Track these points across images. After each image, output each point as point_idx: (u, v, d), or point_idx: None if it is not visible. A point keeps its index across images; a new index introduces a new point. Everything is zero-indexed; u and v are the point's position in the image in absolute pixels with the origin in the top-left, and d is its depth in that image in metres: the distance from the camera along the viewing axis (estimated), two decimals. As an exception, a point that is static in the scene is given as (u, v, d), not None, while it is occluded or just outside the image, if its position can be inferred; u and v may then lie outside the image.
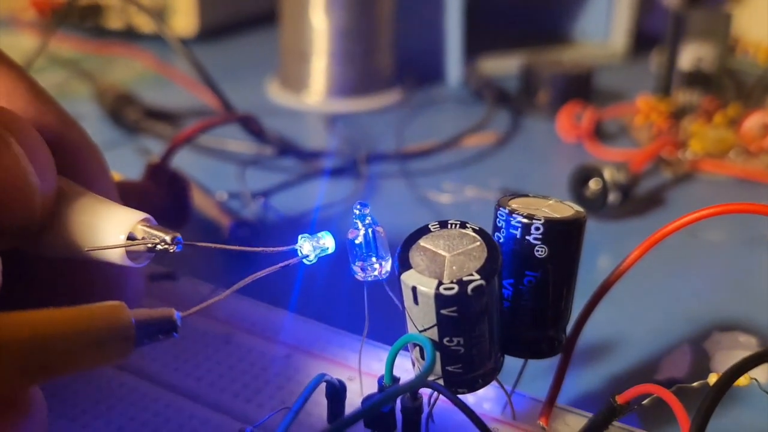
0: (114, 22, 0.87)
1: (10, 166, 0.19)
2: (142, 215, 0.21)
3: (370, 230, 0.22)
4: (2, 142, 0.19)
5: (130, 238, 0.21)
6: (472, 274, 0.19)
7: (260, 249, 0.22)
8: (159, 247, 0.20)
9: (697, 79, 0.62)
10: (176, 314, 0.19)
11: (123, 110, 0.60)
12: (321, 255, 0.22)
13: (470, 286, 0.19)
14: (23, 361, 0.17)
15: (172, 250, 0.21)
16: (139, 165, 0.45)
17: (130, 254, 0.21)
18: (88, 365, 0.18)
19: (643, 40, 0.83)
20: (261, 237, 0.42)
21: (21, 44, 0.80)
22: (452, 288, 0.19)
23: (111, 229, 0.21)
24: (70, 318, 0.18)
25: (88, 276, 0.24)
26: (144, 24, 0.86)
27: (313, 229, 0.22)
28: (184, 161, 0.40)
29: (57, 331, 0.17)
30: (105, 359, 0.18)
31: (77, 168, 0.24)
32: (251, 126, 0.51)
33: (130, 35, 0.86)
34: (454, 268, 0.20)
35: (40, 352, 0.17)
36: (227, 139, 0.55)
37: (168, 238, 0.20)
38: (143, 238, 0.21)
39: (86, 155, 0.24)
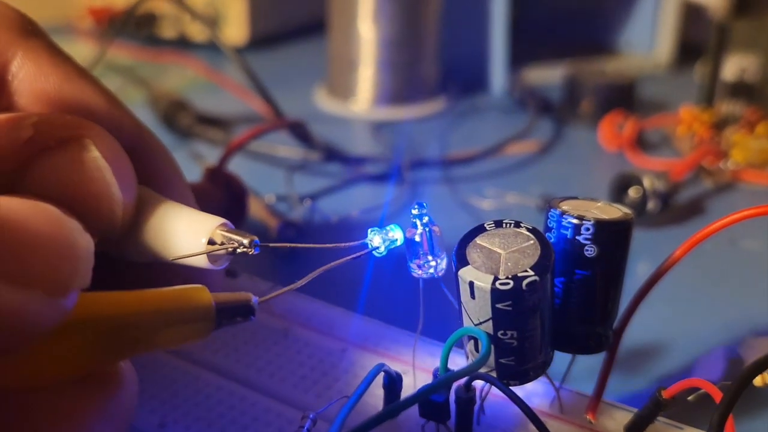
0: (168, 31, 0.90)
1: (95, 179, 0.21)
2: (220, 220, 0.22)
3: (427, 229, 0.23)
4: (90, 157, 0.21)
5: (210, 242, 0.22)
6: (526, 271, 0.20)
7: (332, 245, 0.23)
8: (239, 250, 0.22)
9: (740, 89, 0.62)
10: (253, 299, 0.21)
11: (176, 116, 0.62)
12: (390, 247, 0.23)
13: (525, 282, 0.20)
14: (113, 336, 0.18)
15: (250, 253, 0.22)
16: (191, 169, 0.47)
17: (210, 258, 0.22)
18: (171, 343, 0.20)
19: (688, 51, 0.83)
20: (307, 238, 0.43)
21: (79, 52, 0.82)
22: (508, 283, 0.20)
23: (192, 235, 0.22)
24: (156, 298, 0.19)
25: (172, 277, 0.25)
26: (197, 33, 0.88)
27: (381, 220, 0.23)
28: (235, 165, 0.42)
29: (143, 309, 0.19)
30: (186, 338, 0.20)
31: (155, 175, 0.25)
32: (299, 132, 0.53)
33: (183, 44, 0.89)
34: (509, 264, 0.21)
35: (127, 328, 0.18)
36: (276, 145, 0.57)
37: (246, 242, 0.22)
38: (222, 243, 0.22)
39: (163, 162, 0.26)
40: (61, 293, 0.16)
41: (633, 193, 0.47)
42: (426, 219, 0.24)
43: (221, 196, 0.39)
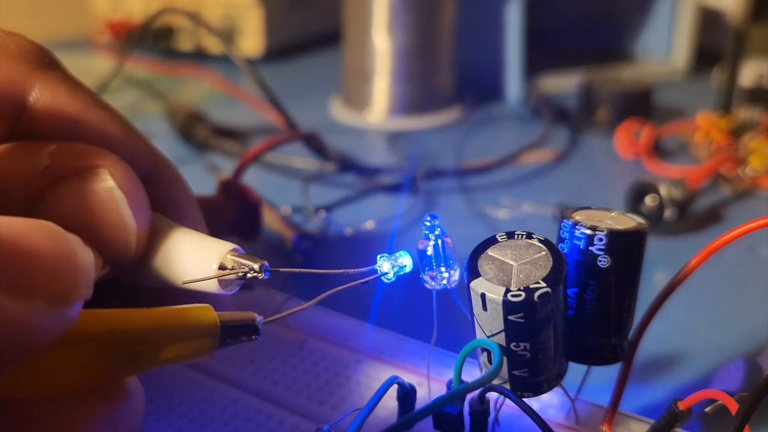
0: (185, 44, 0.91)
1: (110, 209, 0.22)
2: (231, 246, 0.22)
3: (439, 241, 0.23)
4: (105, 187, 0.22)
5: (221, 267, 0.22)
6: (538, 282, 0.20)
7: (342, 271, 0.23)
8: (249, 275, 0.22)
9: (758, 95, 0.62)
10: (258, 318, 0.21)
11: (193, 128, 0.62)
12: (399, 273, 0.23)
13: (537, 293, 0.20)
14: (117, 350, 0.19)
15: (260, 277, 0.22)
16: (208, 180, 0.47)
17: (221, 283, 0.22)
18: (176, 359, 0.20)
19: (705, 57, 0.83)
20: (323, 249, 0.44)
21: (97, 66, 0.83)
22: (519, 295, 0.20)
23: (204, 261, 0.22)
24: (160, 315, 0.19)
25: (184, 303, 0.26)
26: (213, 46, 0.89)
27: (391, 241, 0.23)
28: (250, 177, 0.42)
29: (148, 325, 0.19)
30: (191, 355, 0.20)
31: (168, 202, 0.26)
32: (314, 143, 0.53)
33: (200, 56, 0.90)
34: (521, 276, 0.21)
35: (132, 344, 0.19)
36: (291, 156, 0.57)
37: (256, 267, 0.22)
38: (233, 268, 0.22)
39: (177, 190, 0.26)
40: (62, 303, 0.16)
41: (650, 201, 0.47)
42: (438, 231, 0.24)
43: (235, 208, 0.39)
